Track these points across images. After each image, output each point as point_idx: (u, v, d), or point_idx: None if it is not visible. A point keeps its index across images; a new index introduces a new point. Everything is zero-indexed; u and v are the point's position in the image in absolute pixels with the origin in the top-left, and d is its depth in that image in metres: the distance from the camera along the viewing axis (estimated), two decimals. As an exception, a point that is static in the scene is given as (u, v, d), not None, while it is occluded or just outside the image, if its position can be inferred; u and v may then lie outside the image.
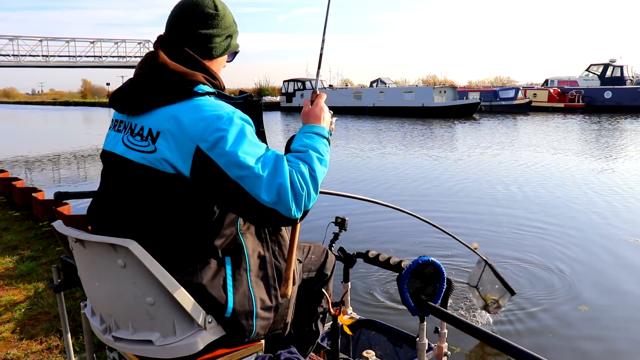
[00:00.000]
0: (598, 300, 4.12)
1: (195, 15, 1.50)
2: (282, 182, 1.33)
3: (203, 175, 1.33)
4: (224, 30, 1.56)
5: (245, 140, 1.35)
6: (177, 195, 1.38)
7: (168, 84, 1.39)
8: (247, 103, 1.52)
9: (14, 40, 36.65)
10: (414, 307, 1.61)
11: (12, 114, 49.87)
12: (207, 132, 1.32)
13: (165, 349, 1.42)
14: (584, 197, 7.96)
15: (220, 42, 1.55)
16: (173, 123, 1.35)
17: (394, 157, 12.91)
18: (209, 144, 1.32)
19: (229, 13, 1.58)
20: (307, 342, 2.03)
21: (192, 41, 1.50)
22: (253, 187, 1.32)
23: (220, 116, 1.35)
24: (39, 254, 4.92)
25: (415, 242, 5.70)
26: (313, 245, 2.03)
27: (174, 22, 1.53)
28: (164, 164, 1.35)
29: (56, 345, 3.09)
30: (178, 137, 1.34)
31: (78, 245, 1.48)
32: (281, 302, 1.59)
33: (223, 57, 1.60)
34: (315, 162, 1.45)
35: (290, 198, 1.34)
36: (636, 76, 36.59)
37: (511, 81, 54.74)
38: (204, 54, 1.51)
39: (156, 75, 1.41)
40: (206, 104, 1.38)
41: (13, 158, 14.52)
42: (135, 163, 1.39)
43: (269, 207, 1.33)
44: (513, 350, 1.29)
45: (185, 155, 1.33)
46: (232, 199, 1.34)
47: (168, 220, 1.41)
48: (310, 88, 39.37)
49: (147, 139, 1.38)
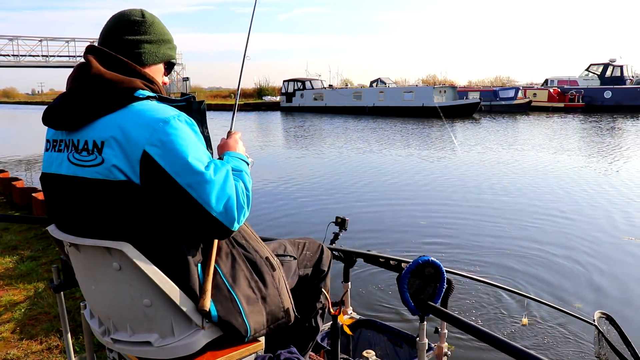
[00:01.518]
0: (597, 300, 4.13)
1: (123, 23, 1.50)
2: (231, 195, 1.37)
3: (152, 182, 1.31)
4: (153, 37, 1.53)
5: (193, 144, 1.34)
6: (132, 204, 1.33)
7: (106, 93, 1.36)
8: (189, 105, 1.49)
9: (13, 40, 36.62)
10: (413, 307, 1.60)
11: (12, 114, 49.84)
12: (153, 136, 1.29)
13: (164, 350, 1.42)
14: (584, 195, 7.96)
15: (150, 48, 1.52)
16: (116, 130, 1.32)
17: (401, 157, 12.91)
18: (156, 148, 1.29)
19: (159, 22, 1.57)
20: (307, 338, 2.02)
21: (122, 48, 1.47)
22: (202, 195, 1.32)
23: (166, 120, 1.32)
24: (39, 254, 4.92)
25: (416, 242, 5.70)
26: (308, 241, 2.03)
27: (105, 33, 1.51)
28: (114, 172, 1.31)
29: (56, 345, 3.08)
30: (123, 143, 1.30)
31: (73, 249, 1.47)
32: (268, 291, 1.57)
33: (157, 66, 1.56)
34: (248, 182, 1.49)
35: (236, 211, 1.37)
36: (636, 76, 36.56)
37: (511, 81, 54.69)
38: (136, 60, 1.48)
39: (92, 86, 1.37)
40: (148, 109, 1.35)
41: (13, 158, 14.52)
42: (87, 179, 1.34)
43: (214, 217, 1.34)
44: (513, 350, 1.29)
45: (133, 161, 1.30)
46: (180, 207, 1.32)
47: (137, 231, 1.36)
48: (310, 88, 39.36)
49: (94, 152, 1.34)
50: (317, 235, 2.51)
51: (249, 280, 1.55)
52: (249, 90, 54.89)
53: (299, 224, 6.34)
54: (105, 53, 1.44)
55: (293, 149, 15.51)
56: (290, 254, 1.90)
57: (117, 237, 1.35)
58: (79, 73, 1.41)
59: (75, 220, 1.43)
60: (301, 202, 7.79)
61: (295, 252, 1.93)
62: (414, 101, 32.64)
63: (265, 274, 1.59)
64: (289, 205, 7.56)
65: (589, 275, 4.69)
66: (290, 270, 1.88)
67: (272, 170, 10.96)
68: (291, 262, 1.89)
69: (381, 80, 44.50)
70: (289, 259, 1.89)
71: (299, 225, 6.31)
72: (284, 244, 1.93)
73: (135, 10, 1.54)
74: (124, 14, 1.52)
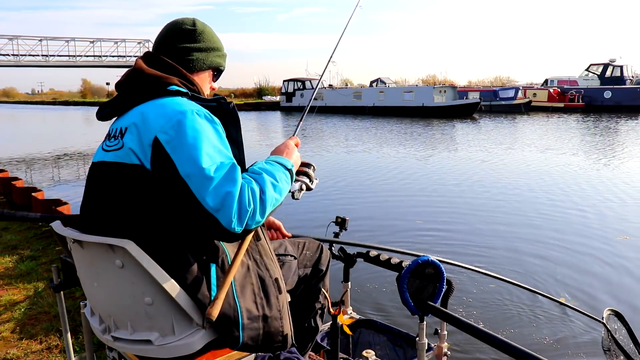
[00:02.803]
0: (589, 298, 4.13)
1: (175, 32, 1.59)
2: (230, 191, 1.29)
3: (159, 168, 1.33)
4: (202, 45, 1.60)
5: (205, 139, 1.33)
6: (145, 190, 1.35)
7: (142, 86, 1.45)
8: (220, 106, 1.51)
9: (13, 40, 36.62)
10: (413, 306, 1.60)
11: (12, 113, 49.85)
12: (167, 124, 1.33)
13: (164, 349, 1.42)
14: (584, 195, 7.97)
15: (199, 56, 1.59)
16: (139, 117, 1.39)
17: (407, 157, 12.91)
18: (167, 136, 1.32)
19: (209, 31, 1.64)
20: (307, 338, 2.03)
21: (173, 54, 1.56)
22: (200, 189, 1.28)
23: (184, 111, 1.36)
24: (39, 253, 4.92)
25: (416, 242, 5.70)
26: (307, 241, 2.02)
27: (158, 41, 1.61)
28: (130, 155, 1.36)
29: (56, 345, 3.09)
30: (141, 129, 1.36)
31: (76, 245, 1.48)
32: (270, 313, 1.52)
33: (204, 73, 1.63)
34: (268, 185, 1.40)
35: (234, 209, 1.29)
36: (636, 76, 36.58)
37: (511, 81, 54.73)
38: (185, 66, 1.56)
39: (132, 80, 1.48)
40: (174, 101, 1.40)
41: (13, 158, 14.52)
42: (109, 163, 1.41)
43: (209, 213, 1.28)
44: (513, 350, 1.29)
45: (145, 146, 1.34)
46: (178, 197, 1.31)
47: (144, 220, 1.37)
48: (310, 88, 39.38)
49: (118, 137, 1.42)
50: (318, 235, 2.51)
51: (255, 296, 1.52)
52: (249, 90, 54.87)
53: (299, 224, 6.34)
54: (154, 56, 1.55)
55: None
56: (290, 253, 1.90)
57: (121, 234, 1.35)
58: (126, 73, 1.52)
59: (89, 209, 1.48)
60: (301, 201, 7.76)
61: (296, 252, 1.93)
62: (414, 101, 32.66)
63: (271, 295, 1.55)
64: (289, 204, 7.54)
65: (593, 272, 4.69)
66: (291, 270, 1.88)
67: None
68: (292, 262, 1.89)
69: (381, 80, 44.51)
70: (290, 258, 1.89)
71: (299, 225, 6.31)
72: (284, 243, 1.92)
73: (187, 19, 1.63)
74: (176, 22, 1.62)
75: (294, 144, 1.71)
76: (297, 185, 1.72)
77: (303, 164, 1.76)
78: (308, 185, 1.76)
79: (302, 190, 1.74)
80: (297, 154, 1.68)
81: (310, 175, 1.76)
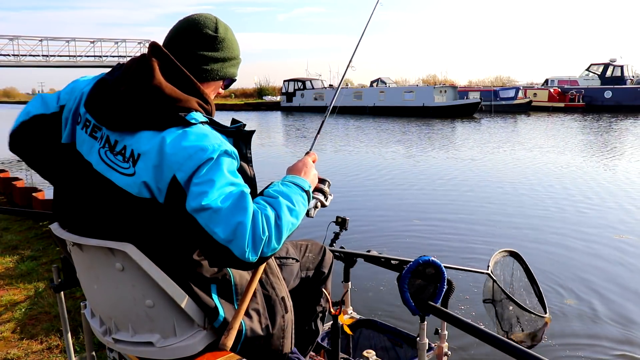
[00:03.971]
0: (588, 297, 4.13)
1: (195, 35, 1.46)
2: (241, 221, 1.23)
3: (173, 204, 1.27)
4: (221, 55, 1.50)
5: (221, 177, 1.27)
6: (153, 220, 1.33)
7: (160, 109, 1.32)
8: (238, 132, 1.45)
9: (14, 40, 36.61)
10: (414, 306, 1.60)
11: (12, 114, 49.77)
12: (186, 163, 1.26)
13: (165, 350, 1.42)
14: (584, 194, 7.97)
15: (215, 66, 1.50)
16: (156, 148, 1.29)
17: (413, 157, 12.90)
18: (185, 174, 1.25)
19: (230, 38, 1.53)
20: (307, 341, 2.02)
21: (189, 60, 1.44)
22: (209, 222, 1.22)
23: (205, 148, 1.27)
24: (39, 253, 4.92)
25: (417, 242, 5.70)
26: (310, 243, 2.02)
27: (174, 37, 1.48)
28: (142, 189, 1.29)
29: (56, 345, 3.09)
30: (157, 163, 1.28)
31: (76, 248, 1.47)
32: (274, 331, 1.52)
33: (217, 82, 1.54)
34: (284, 210, 1.33)
35: (248, 239, 1.23)
36: (636, 76, 36.55)
37: (511, 81, 54.70)
38: (198, 75, 1.46)
39: (149, 97, 1.32)
40: (193, 133, 1.31)
41: (13, 158, 14.52)
42: (113, 184, 1.33)
43: (222, 244, 1.22)
44: (513, 350, 1.29)
45: (162, 183, 1.27)
46: (188, 231, 1.27)
47: (145, 225, 1.35)
48: (310, 88, 39.35)
49: (129, 161, 1.31)
50: (318, 235, 2.51)
51: (260, 316, 1.52)
52: (249, 90, 54.84)
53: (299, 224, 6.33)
54: (170, 62, 1.40)
55: (293, 148, 15.51)
56: (292, 256, 1.89)
57: (122, 238, 1.35)
58: (139, 74, 1.35)
59: (83, 214, 1.41)
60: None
61: (298, 254, 1.92)
62: (414, 101, 32.64)
63: (277, 314, 1.54)
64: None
65: (593, 273, 4.69)
66: (293, 273, 1.87)
67: (272, 170, 10.96)
68: (293, 265, 1.88)
69: (381, 80, 44.49)
70: (291, 261, 1.88)
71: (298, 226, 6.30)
72: (286, 245, 1.91)
73: (210, 20, 1.49)
74: (197, 23, 1.47)
75: (311, 161, 1.65)
76: (313, 202, 1.65)
77: (318, 179, 1.70)
78: (323, 202, 1.70)
79: (317, 208, 1.68)
80: (314, 172, 1.63)
81: (325, 192, 1.71)
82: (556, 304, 4.04)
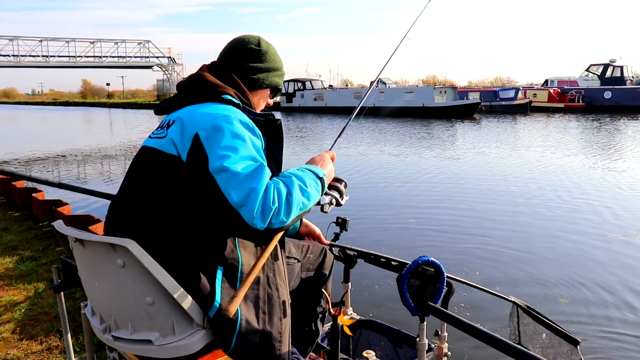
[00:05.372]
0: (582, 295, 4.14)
1: (241, 49, 1.69)
2: (255, 187, 1.33)
3: (193, 162, 1.39)
4: (264, 65, 1.70)
5: (241, 143, 1.40)
6: (176, 180, 1.42)
7: (200, 89, 1.55)
8: (267, 121, 1.58)
9: (14, 41, 36.66)
10: (414, 307, 1.60)
11: (12, 114, 49.85)
12: (209, 123, 1.41)
13: (164, 349, 1.42)
14: (584, 194, 7.97)
15: (260, 75, 1.69)
16: (187, 113, 1.48)
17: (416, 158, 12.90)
18: (207, 133, 1.39)
19: (272, 52, 1.74)
20: (307, 342, 2.02)
21: (237, 71, 1.65)
22: (226, 184, 1.34)
23: (227, 116, 1.43)
24: (39, 254, 4.92)
25: (417, 243, 5.71)
26: (311, 244, 2.02)
27: (223, 55, 1.70)
28: (170, 146, 1.44)
29: (56, 346, 3.09)
30: (185, 123, 1.44)
31: (78, 245, 1.48)
32: (272, 331, 1.50)
33: (264, 91, 1.73)
34: (296, 188, 1.42)
35: (258, 206, 1.32)
36: (636, 76, 36.60)
37: (511, 81, 54.81)
38: (247, 84, 1.66)
39: (192, 82, 1.59)
40: (222, 107, 1.49)
41: (13, 158, 14.52)
42: (150, 149, 1.49)
43: (234, 208, 1.32)
44: (513, 350, 1.29)
45: (186, 140, 1.41)
46: (206, 191, 1.38)
47: (166, 214, 1.42)
48: (310, 88, 39.35)
49: (165, 128, 1.51)
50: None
51: (259, 309, 1.50)
52: (249, 91, 54.70)
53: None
54: (218, 66, 1.66)
55: (293, 148, 15.51)
56: (294, 256, 1.89)
57: (123, 234, 1.36)
58: (190, 76, 1.63)
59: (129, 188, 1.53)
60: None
61: (299, 255, 1.93)
62: (414, 101, 32.66)
63: (274, 315, 1.53)
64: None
65: (593, 274, 4.70)
66: (294, 273, 1.88)
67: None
68: (294, 265, 1.89)
69: (381, 81, 44.49)
70: (293, 261, 1.88)
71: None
72: (289, 246, 1.91)
73: (253, 38, 1.72)
74: (242, 40, 1.71)
75: (329, 157, 1.74)
76: (328, 198, 1.71)
77: (335, 179, 1.78)
78: (338, 201, 1.75)
79: (331, 205, 1.73)
80: (331, 167, 1.71)
81: (342, 190, 1.77)
82: (552, 302, 4.04)
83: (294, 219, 1.41)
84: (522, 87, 39.81)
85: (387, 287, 4.32)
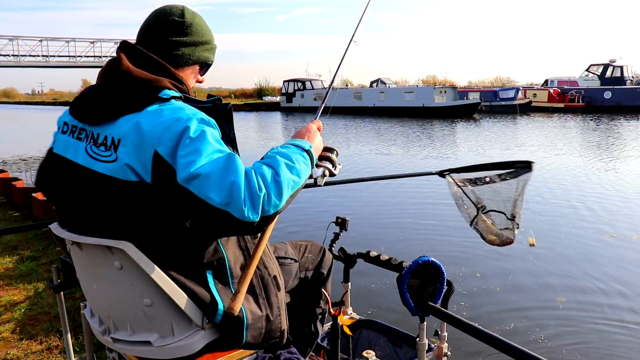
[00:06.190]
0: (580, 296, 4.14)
1: (162, 23, 1.49)
2: (234, 180, 1.22)
3: (161, 181, 1.27)
4: (190, 39, 1.52)
5: (201, 142, 1.27)
6: (144, 205, 1.32)
7: (132, 92, 1.35)
8: (215, 107, 1.44)
9: (13, 41, 36.65)
10: (414, 307, 1.60)
11: (12, 114, 49.84)
12: (165, 135, 1.26)
13: (163, 350, 1.41)
14: (584, 194, 7.97)
15: (186, 50, 1.51)
16: (133, 129, 1.30)
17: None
18: (166, 147, 1.26)
19: (198, 22, 1.55)
20: (306, 343, 2.01)
21: (159, 48, 1.47)
22: (201, 189, 1.22)
23: (180, 118, 1.29)
24: (39, 254, 4.92)
25: (417, 243, 5.70)
26: (310, 244, 2.00)
27: (145, 29, 1.51)
28: (127, 172, 1.29)
29: (56, 346, 3.08)
30: (137, 142, 1.28)
31: (75, 247, 1.47)
32: (272, 312, 1.52)
33: (193, 67, 1.56)
34: (282, 167, 1.33)
35: (244, 197, 1.22)
36: (636, 76, 36.57)
37: (511, 81, 54.78)
38: (171, 61, 1.48)
39: (120, 83, 1.37)
40: (168, 108, 1.32)
41: (13, 158, 14.52)
42: (101, 175, 1.33)
43: (220, 209, 1.22)
44: (513, 350, 1.29)
45: (145, 161, 1.28)
46: (183, 205, 1.27)
47: (140, 231, 1.35)
48: (310, 88, 39.35)
49: (110, 148, 1.33)
50: (318, 235, 2.51)
51: (258, 296, 1.51)
52: (249, 91, 54.84)
53: (299, 224, 6.33)
54: (137, 50, 1.44)
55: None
56: (291, 256, 1.88)
57: (120, 236, 1.34)
58: (109, 69, 1.42)
59: (79, 213, 1.42)
60: (301, 202, 7.79)
61: (297, 255, 1.91)
62: (414, 101, 32.66)
63: (271, 294, 1.54)
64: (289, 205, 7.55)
65: (593, 273, 4.69)
66: (291, 274, 1.86)
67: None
68: (292, 265, 1.87)
69: (381, 81, 44.51)
70: (290, 261, 1.86)
71: (299, 226, 6.30)
72: (286, 246, 1.90)
73: (176, 8, 1.52)
74: (164, 11, 1.51)
75: (315, 128, 1.62)
76: (320, 171, 1.64)
77: (326, 148, 1.67)
78: (331, 171, 1.68)
79: (325, 177, 1.66)
80: (319, 137, 1.60)
81: (334, 160, 1.69)
82: (550, 301, 4.04)
83: (289, 200, 1.33)
84: (522, 87, 39.78)
85: (387, 287, 4.31)
